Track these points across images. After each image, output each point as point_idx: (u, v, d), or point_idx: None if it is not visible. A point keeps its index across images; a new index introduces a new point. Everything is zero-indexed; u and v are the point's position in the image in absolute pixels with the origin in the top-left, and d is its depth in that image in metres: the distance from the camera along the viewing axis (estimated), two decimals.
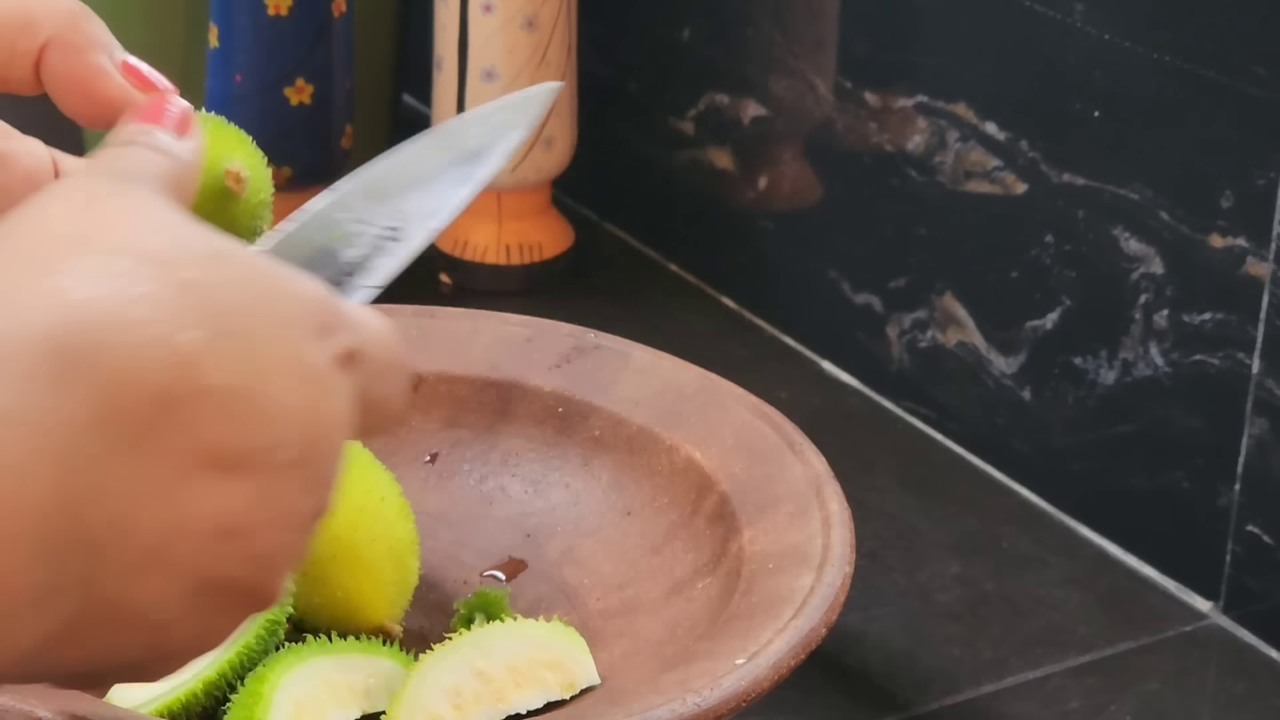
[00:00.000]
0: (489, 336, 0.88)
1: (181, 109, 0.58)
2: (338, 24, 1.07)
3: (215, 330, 0.49)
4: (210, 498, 0.48)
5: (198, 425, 0.48)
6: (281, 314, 0.51)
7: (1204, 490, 0.89)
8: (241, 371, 0.49)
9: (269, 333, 0.50)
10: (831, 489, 0.78)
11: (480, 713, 0.72)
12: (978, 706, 0.84)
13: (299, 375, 0.50)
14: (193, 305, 0.49)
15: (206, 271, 0.49)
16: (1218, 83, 0.85)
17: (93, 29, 0.59)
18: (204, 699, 0.72)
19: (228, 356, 0.49)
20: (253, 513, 0.49)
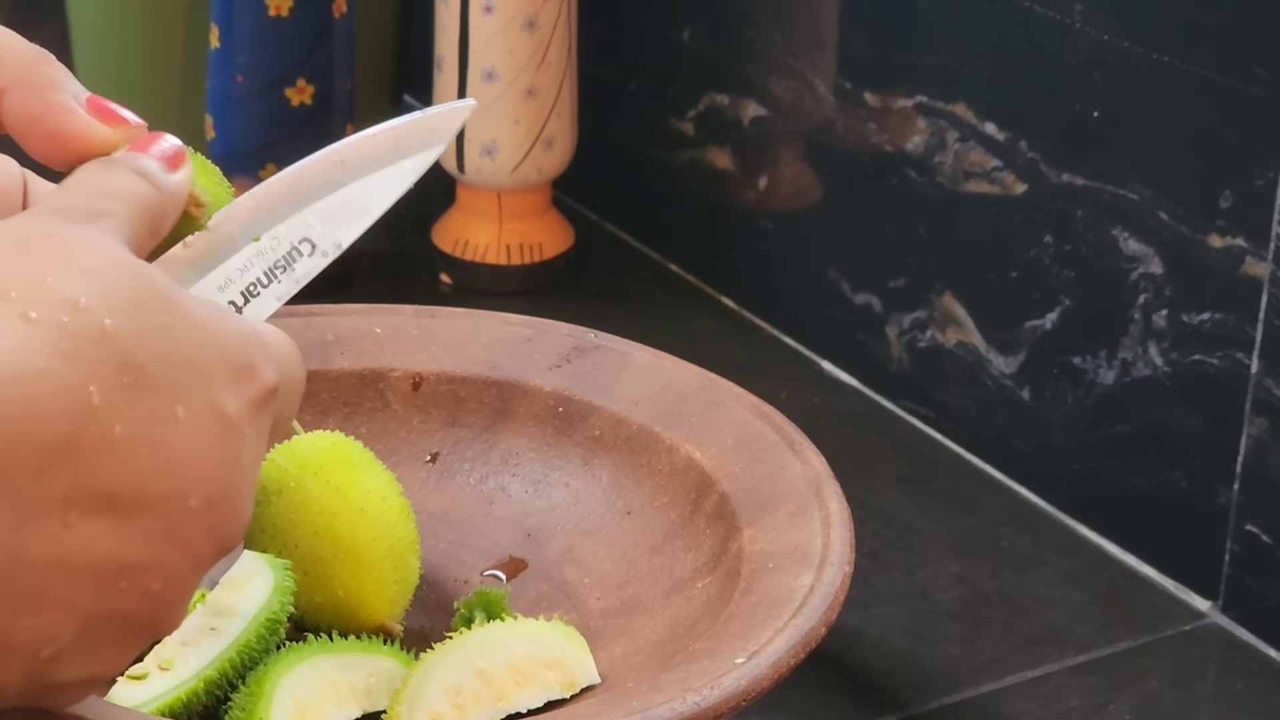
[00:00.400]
0: (489, 336, 0.88)
1: (175, 145, 0.58)
2: (339, 24, 1.07)
3: (126, 383, 0.49)
4: (101, 540, 0.49)
5: (94, 474, 0.48)
6: (202, 363, 0.51)
7: (1203, 490, 0.89)
8: (148, 421, 0.49)
9: (186, 383, 0.50)
10: (831, 488, 0.78)
11: (481, 711, 0.72)
12: (977, 706, 0.84)
13: (212, 424, 0.51)
14: (106, 356, 0.49)
15: (128, 319, 0.50)
16: (1218, 83, 0.86)
17: (54, 71, 0.59)
18: (205, 698, 0.72)
19: (135, 407, 0.49)
20: (150, 552, 0.50)
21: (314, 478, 0.77)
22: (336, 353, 0.87)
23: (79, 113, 0.58)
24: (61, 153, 0.58)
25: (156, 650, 0.73)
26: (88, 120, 0.58)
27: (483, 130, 1.09)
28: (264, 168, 1.08)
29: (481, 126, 1.09)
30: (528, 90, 1.09)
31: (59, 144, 0.58)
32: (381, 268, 1.14)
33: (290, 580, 0.75)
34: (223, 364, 0.52)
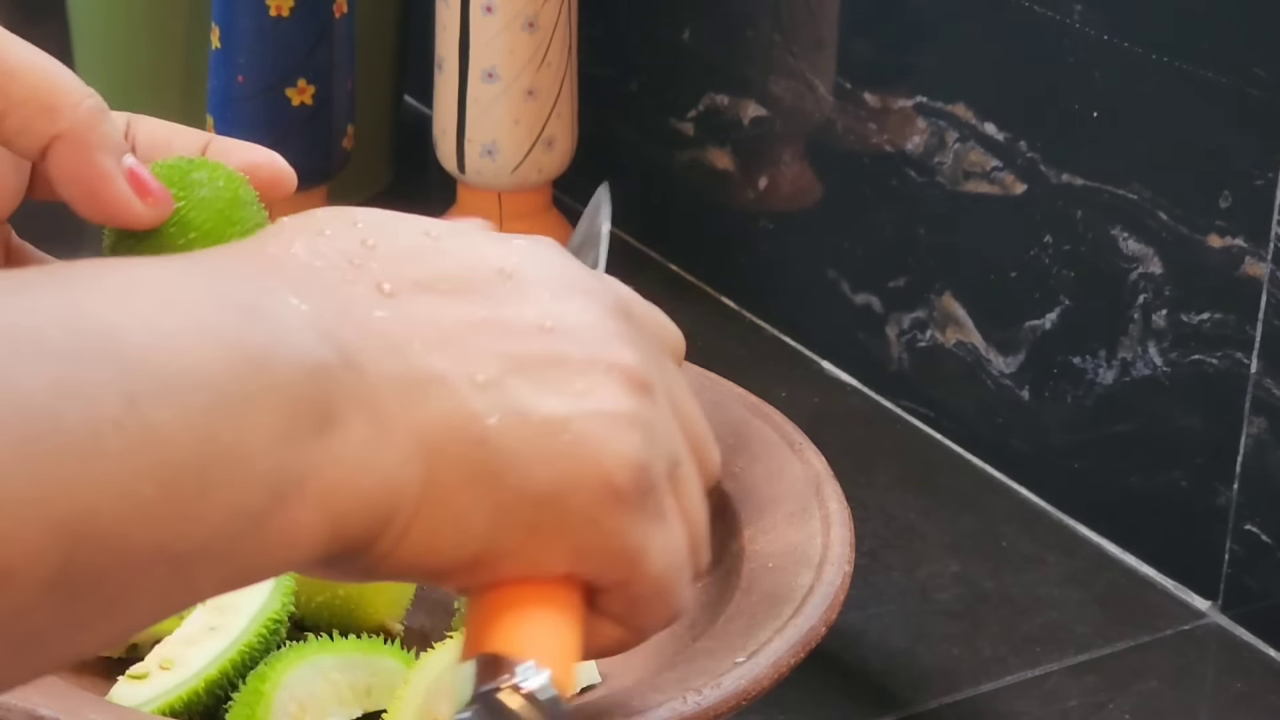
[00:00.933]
0: None
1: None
2: (339, 25, 1.07)
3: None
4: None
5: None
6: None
7: (1202, 489, 0.89)
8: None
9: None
10: (831, 488, 0.78)
11: None
12: (977, 705, 0.84)
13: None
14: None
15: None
16: (1217, 83, 0.86)
17: (108, 130, 0.60)
18: (206, 697, 0.72)
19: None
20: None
21: None
22: None
23: (119, 183, 0.60)
24: (93, 212, 0.60)
25: (157, 650, 0.73)
26: (127, 194, 0.60)
27: (483, 130, 1.09)
28: None
29: (482, 126, 1.09)
30: (528, 90, 1.09)
31: (94, 204, 0.60)
32: None
33: (291, 580, 0.75)
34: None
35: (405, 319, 0.51)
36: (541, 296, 0.54)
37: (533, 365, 0.52)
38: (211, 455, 0.45)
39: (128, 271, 0.48)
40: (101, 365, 0.44)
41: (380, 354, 0.50)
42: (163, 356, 0.45)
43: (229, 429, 0.45)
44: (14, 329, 0.43)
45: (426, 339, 0.51)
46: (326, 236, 0.53)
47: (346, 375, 0.49)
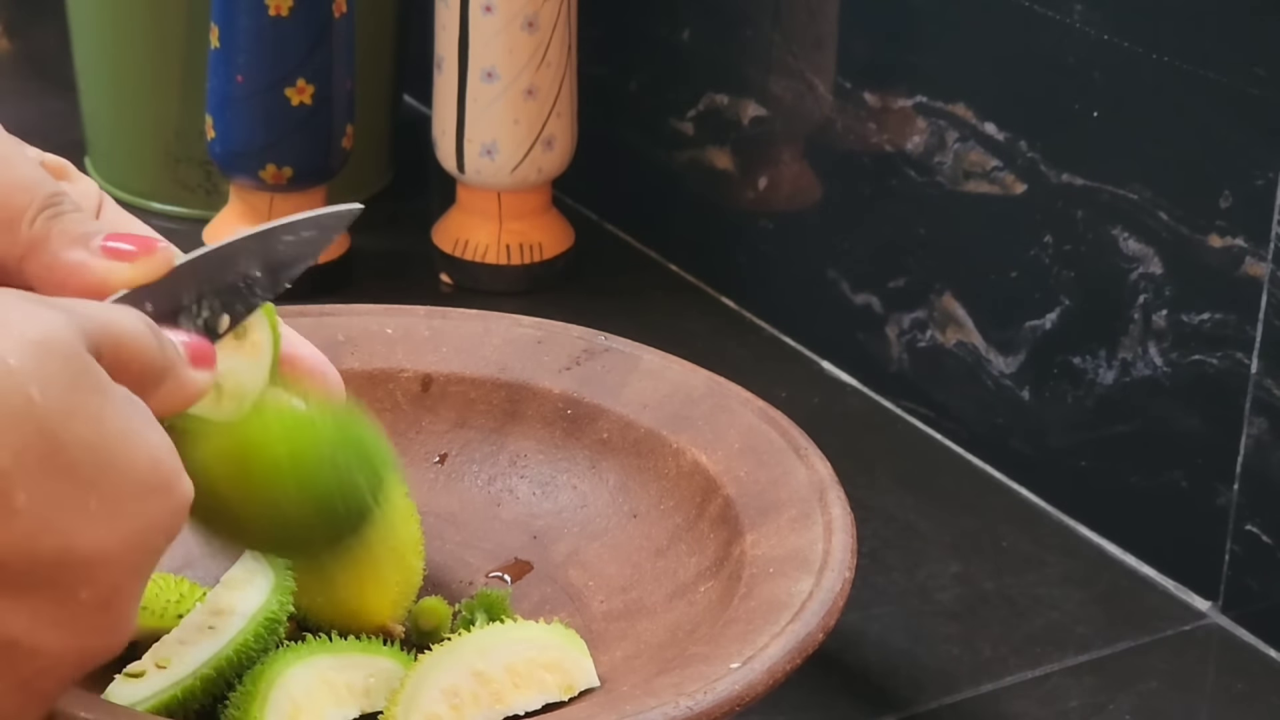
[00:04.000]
0: (500, 338, 0.88)
1: (208, 351, 0.59)
2: (338, 24, 1.07)
3: (40, 456, 0.48)
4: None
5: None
6: (125, 464, 0.50)
7: (1203, 490, 0.89)
8: (57, 503, 0.49)
9: (104, 478, 0.50)
10: (835, 494, 0.78)
11: (478, 713, 0.72)
12: (977, 706, 0.84)
13: (122, 528, 0.50)
14: (25, 424, 0.48)
15: (58, 397, 0.49)
16: (1218, 83, 0.86)
17: (66, 227, 0.59)
18: (202, 696, 0.72)
19: (46, 484, 0.48)
20: (32, 634, 0.49)
21: None
22: (347, 352, 0.87)
23: (94, 264, 0.59)
24: (88, 296, 0.59)
25: (154, 648, 0.73)
26: (106, 268, 0.59)
27: (483, 130, 1.09)
28: (264, 168, 1.08)
29: (481, 126, 1.09)
30: (528, 90, 1.09)
31: (83, 293, 0.58)
32: (381, 268, 1.14)
33: (290, 579, 0.75)
34: (148, 472, 0.51)
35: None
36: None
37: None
38: None
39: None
40: None
41: None
42: None
43: None
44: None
45: None
46: None
47: None
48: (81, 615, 0.50)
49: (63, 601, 0.49)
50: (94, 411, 0.50)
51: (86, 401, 0.50)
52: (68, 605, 0.49)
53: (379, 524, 0.77)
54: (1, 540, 0.48)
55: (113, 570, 0.50)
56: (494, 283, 1.12)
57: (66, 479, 0.49)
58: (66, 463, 0.49)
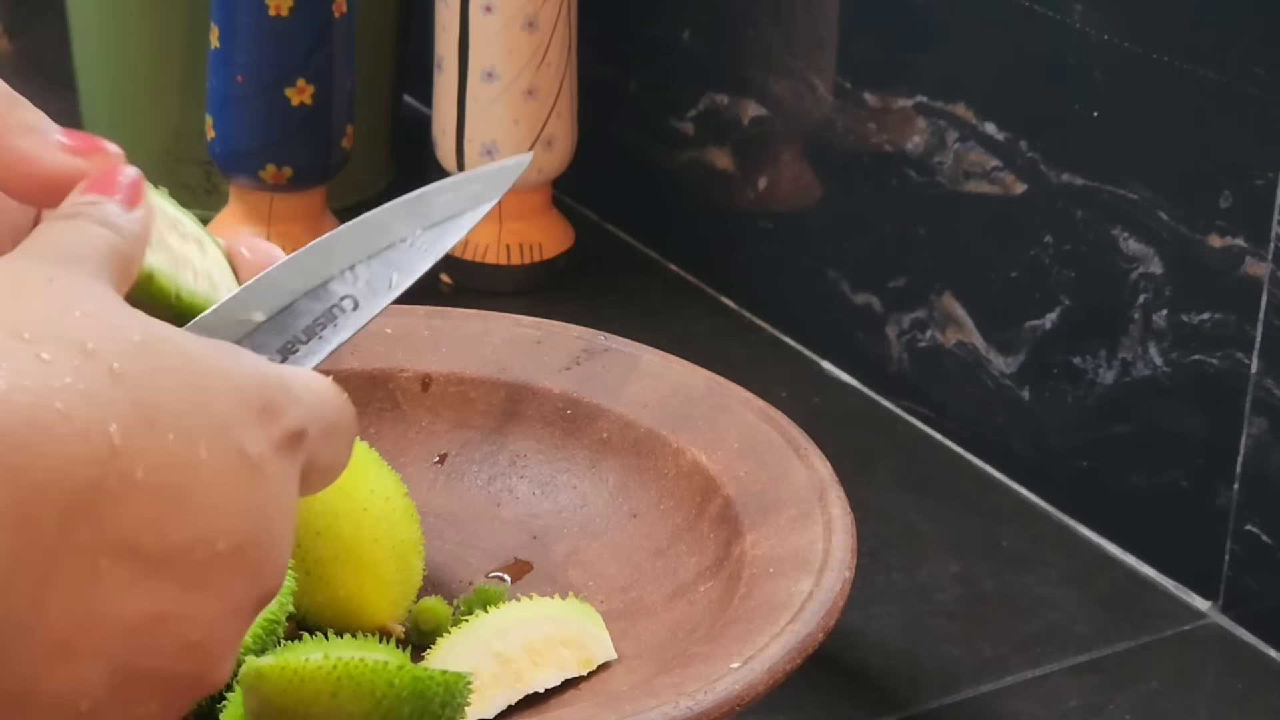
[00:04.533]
0: (499, 338, 0.88)
1: (131, 178, 0.57)
2: (339, 24, 1.07)
3: (144, 424, 0.48)
4: (130, 589, 0.47)
5: (119, 521, 0.47)
6: (218, 404, 0.50)
7: (1203, 490, 0.89)
8: (170, 464, 0.48)
9: (204, 424, 0.49)
10: (835, 494, 0.78)
11: (499, 694, 0.72)
12: (977, 706, 0.84)
13: (236, 467, 0.49)
14: (121, 397, 0.48)
15: (136, 361, 0.49)
16: (1218, 83, 0.86)
17: (20, 114, 0.58)
18: None
19: (156, 449, 0.48)
20: (183, 601, 0.48)
21: None
22: (346, 352, 0.87)
23: (48, 156, 0.57)
24: (42, 196, 0.57)
25: None
26: (60, 161, 0.57)
27: (483, 130, 1.09)
28: (264, 168, 1.08)
29: (481, 126, 1.09)
30: (528, 90, 1.09)
31: (35, 188, 0.57)
32: None
33: (291, 580, 0.75)
34: (240, 404, 0.50)
35: None
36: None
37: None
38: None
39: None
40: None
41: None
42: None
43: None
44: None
45: None
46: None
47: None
48: (221, 566, 0.49)
49: (200, 560, 0.49)
50: (173, 364, 0.50)
51: (159, 355, 0.50)
52: (205, 562, 0.49)
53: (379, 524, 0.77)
54: (133, 518, 0.47)
55: (239, 512, 0.49)
56: (494, 283, 1.12)
57: (172, 436, 0.48)
58: (166, 421, 0.49)
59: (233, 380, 0.51)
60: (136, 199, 0.57)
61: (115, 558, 0.47)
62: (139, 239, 0.56)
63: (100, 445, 0.47)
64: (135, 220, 0.56)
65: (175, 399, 0.49)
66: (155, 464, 0.48)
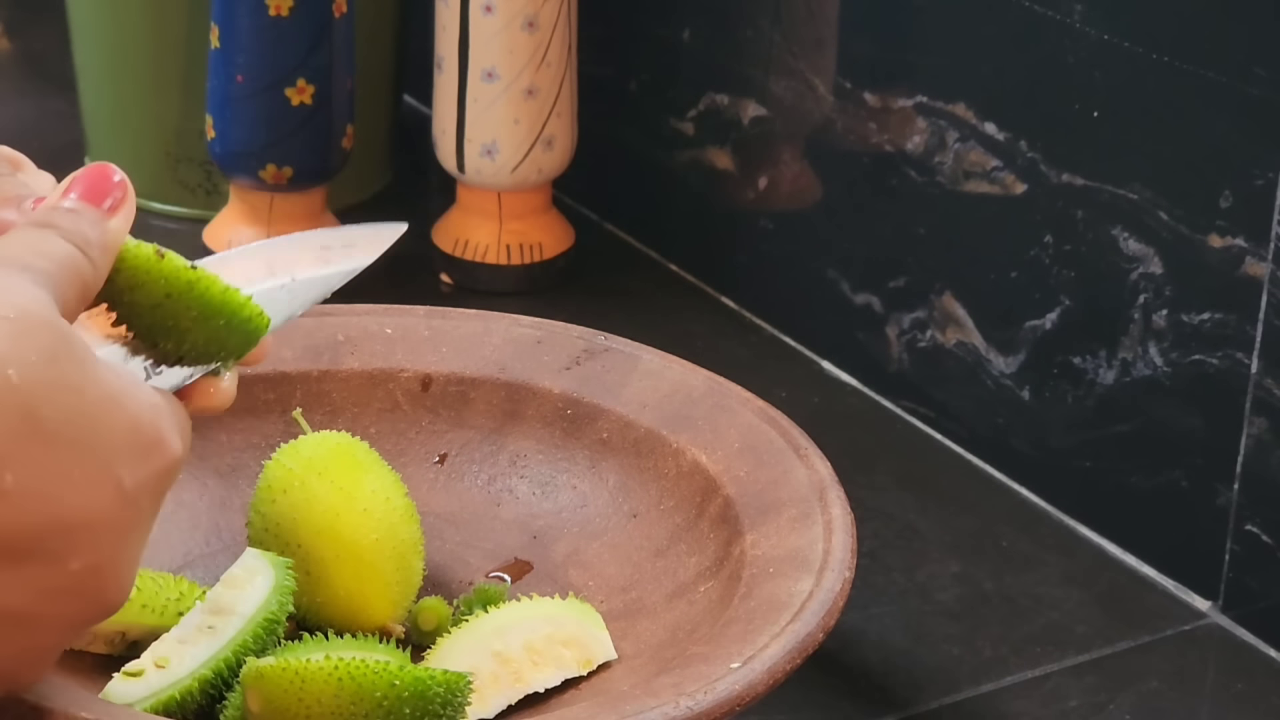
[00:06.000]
0: (499, 338, 0.88)
1: (118, 187, 0.58)
2: (339, 24, 1.07)
3: (24, 433, 0.49)
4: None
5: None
6: (110, 432, 0.51)
7: (1203, 490, 0.89)
8: (42, 476, 0.49)
9: (88, 448, 0.51)
10: (835, 494, 0.78)
11: (499, 694, 0.72)
12: (977, 706, 0.84)
13: (109, 495, 0.51)
14: (9, 407, 0.49)
15: (40, 373, 0.50)
16: (1218, 83, 0.86)
17: (2, 185, 0.60)
18: (200, 696, 0.72)
19: (31, 459, 0.49)
20: (26, 604, 0.50)
21: (318, 477, 0.77)
22: (347, 352, 0.87)
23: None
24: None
25: (153, 647, 0.73)
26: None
27: (483, 130, 1.09)
28: (264, 168, 1.08)
29: (481, 126, 1.09)
30: (528, 90, 1.09)
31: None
32: (381, 267, 1.14)
33: (291, 579, 0.75)
34: (132, 437, 0.52)
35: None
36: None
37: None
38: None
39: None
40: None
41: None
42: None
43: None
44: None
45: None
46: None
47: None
48: (75, 582, 0.51)
49: (56, 571, 0.50)
50: (74, 382, 0.51)
51: (65, 373, 0.51)
52: (61, 574, 0.50)
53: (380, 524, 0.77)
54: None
55: (102, 536, 0.51)
56: (494, 283, 1.12)
57: (50, 452, 0.50)
58: (49, 436, 0.50)
59: (130, 414, 0.52)
60: (119, 207, 0.58)
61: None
62: (108, 253, 0.57)
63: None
64: (110, 232, 0.57)
65: (65, 418, 0.50)
66: (26, 474, 0.49)
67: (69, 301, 0.55)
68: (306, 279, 0.68)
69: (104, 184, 0.59)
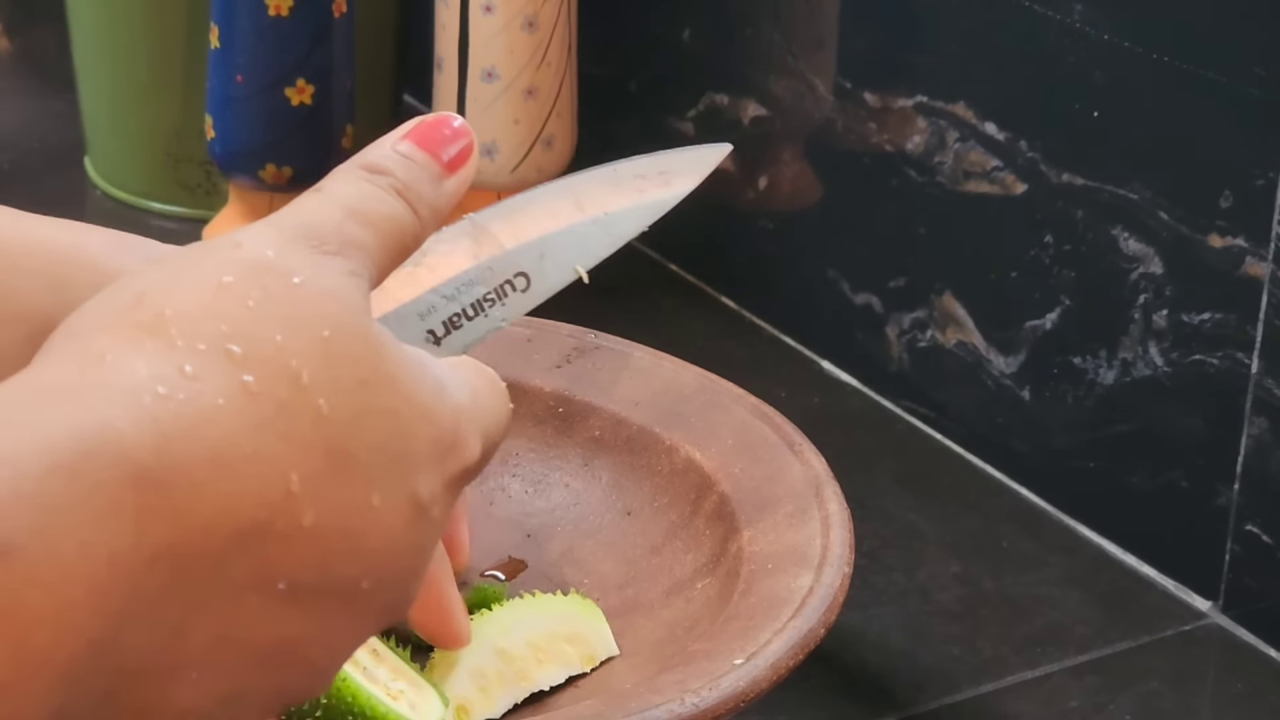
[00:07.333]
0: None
1: (462, 138, 0.54)
2: (338, 24, 1.07)
3: (329, 472, 0.45)
4: (272, 620, 0.46)
5: (277, 562, 0.45)
6: (411, 451, 0.47)
7: (1203, 490, 0.89)
8: (342, 510, 0.46)
9: (387, 472, 0.47)
10: (831, 489, 0.78)
11: (505, 692, 0.72)
12: (977, 706, 0.84)
13: (405, 512, 0.47)
14: (317, 442, 0.45)
15: (348, 400, 0.46)
16: (1218, 83, 0.86)
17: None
18: None
19: (331, 495, 0.45)
20: (318, 630, 0.47)
21: None
22: None
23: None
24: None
25: None
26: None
27: (482, 130, 1.09)
28: (264, 168, 1.08)
29: (481, 126, 1.09)
30: (527, 90, 1.09)
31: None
32: None
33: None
34: (431, 448, 0.48)
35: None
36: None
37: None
38: None
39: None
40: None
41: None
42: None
43: None
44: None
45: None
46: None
47: None
48: (362, 600, 0.47)
49: (345, 595, 0.46)
50: (385, 404, 0.47)
51: (378, 396, 0.47)
52: (350, 596, 0.47)
53: None
54: (293, 560, 0.45)
55: (398, 556, 0.47)
56: None
57: (355, 485, 0.46)
58: (356, 469, 0.46)
59: (433, 424, 0.48)
60: (459, 164, 0.54)
61: (263, 593, 0.45)
62: (437, 218, 0.53)
63: (276, 489, 0.45)
64: (444, 195, 0.53)
65: (371, 446, 0.46)
66: (326, 510, 0.45)
67: (385, 272, 0.51)
68: (620, 212, 0.64)
69: (444, 133, 0.54)
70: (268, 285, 0.47)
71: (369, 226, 0.50)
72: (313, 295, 0.47)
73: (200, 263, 0.47)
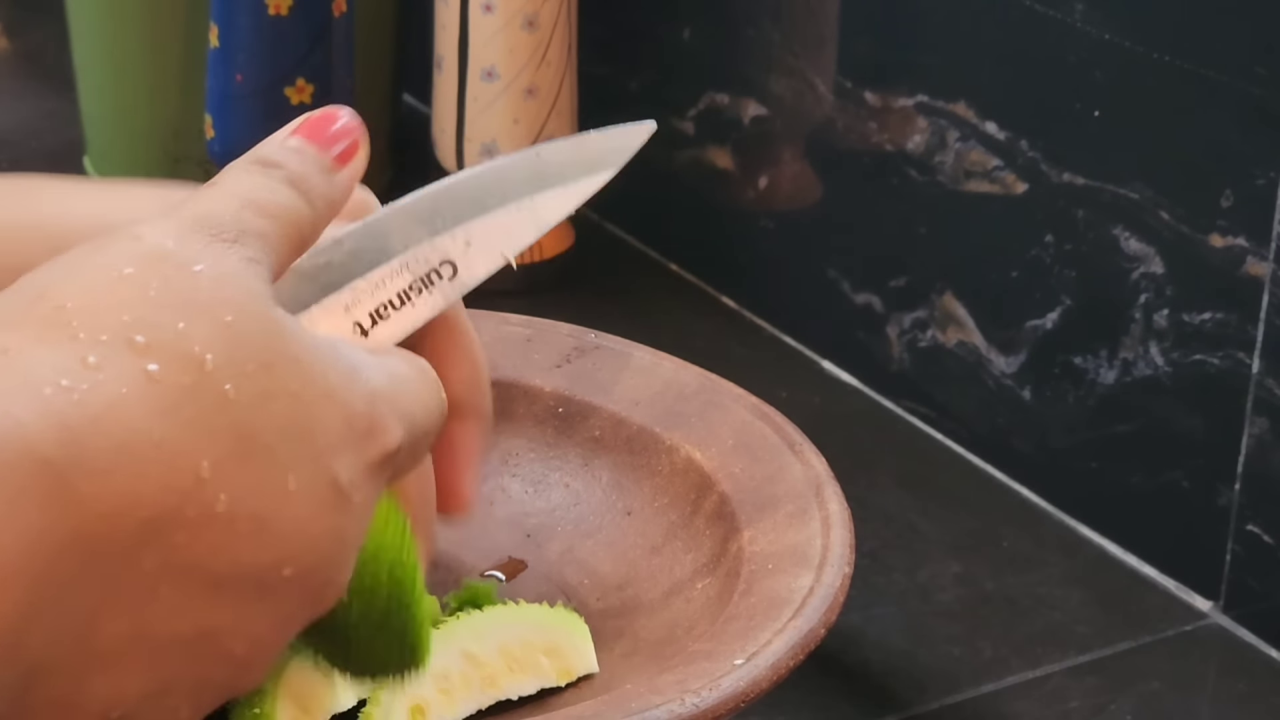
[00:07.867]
0: (489, 336, 0.88)
1: (347, 138, 0.54)
2: (338, 24, 1.07)
3: (238, 454, 0.45)
4: (188, 610, 0.45)
5: (189, 549, 0.45)
6: (323, 432, 0.47)
7: (1204, 490, 0.89)
8: (256, 494, 0.46)
9: (301, 453, 0.47)
10: (831, 489, 0.78)
11: (468, 696, 0.72)
12: (978, 706, 0.84)
13: (324, 496, 0.47)
14: (224, 426, 0.45)
15: (253, 383, 0.46)
16: (1218, 83, 0.85)
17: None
18: None
19: (244, 479, 0.45)
20: (237, 619, 0.46)
21: None
22: None
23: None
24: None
25: None
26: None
27: (482, 129, 1.09)
28: None
29: (481, 126, 1.09)
30: (527, 89, 1.09)
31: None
32: None
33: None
34: (345, 430, 0.48)
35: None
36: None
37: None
38: None
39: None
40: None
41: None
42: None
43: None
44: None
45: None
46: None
47: None
48: (284, 588, 0.47)
49: (265, 582, 0.46)
50: (290, 387, 0.47)
51: (282, 379, 0.47)
52: (270, 584, 0.46)
53: None
54: (206, 546, 0.45)
55: (319, 540, 0.47)
56: (493, 282, 1.12)
57: (265, 467, 0.46)
58: (264, 451, 0.46)
59: (345, 406, 0.48)
60: (347, 158, 0.55)
61: (176, 582, 0.45)
62: (331, 209, 0.53)
63: (186, 476, 0.45)
64: (336, 186, 0.54)
65: (280, 427, 0.46)
66: (239, 495, 0.45)
67: (284, 262, 0.51)
68: (546, 198, 0.64)
69: (330, 128, 0.54)
70: (168, 275, 0.47)
71: (265, 216, 0.51)
72: (214, 282, 0.47)
73: (101, 255, 0.47)
